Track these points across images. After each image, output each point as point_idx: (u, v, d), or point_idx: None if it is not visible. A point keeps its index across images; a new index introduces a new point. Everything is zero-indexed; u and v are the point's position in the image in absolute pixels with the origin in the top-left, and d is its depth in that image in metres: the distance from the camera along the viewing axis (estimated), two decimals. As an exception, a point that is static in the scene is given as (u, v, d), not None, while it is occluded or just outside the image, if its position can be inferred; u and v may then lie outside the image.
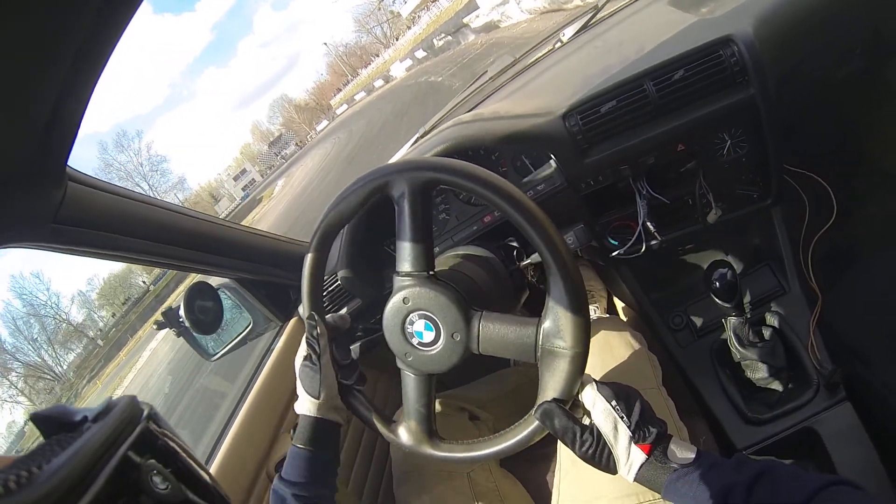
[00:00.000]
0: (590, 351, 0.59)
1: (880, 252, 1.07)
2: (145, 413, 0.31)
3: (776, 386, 0.93)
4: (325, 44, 62.30)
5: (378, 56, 46.14)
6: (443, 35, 21.33)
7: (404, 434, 0.71)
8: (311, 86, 76.12)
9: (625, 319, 1.26)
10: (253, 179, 69.49)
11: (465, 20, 17.24)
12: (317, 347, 0.71)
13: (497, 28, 14.02)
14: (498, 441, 0.65)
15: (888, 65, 1.21)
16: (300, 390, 0.73)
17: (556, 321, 0.57)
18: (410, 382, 0.68)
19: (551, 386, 0.59)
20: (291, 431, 0.78)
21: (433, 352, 0.64)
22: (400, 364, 0.68)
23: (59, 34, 0.44)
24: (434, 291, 0.62)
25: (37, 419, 0.29)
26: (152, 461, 0.30)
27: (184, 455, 0.32)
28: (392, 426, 0.72)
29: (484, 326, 0.61)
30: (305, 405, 0.72)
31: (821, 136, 1.43)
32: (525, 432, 0.62)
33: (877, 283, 0.98)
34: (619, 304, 1.33)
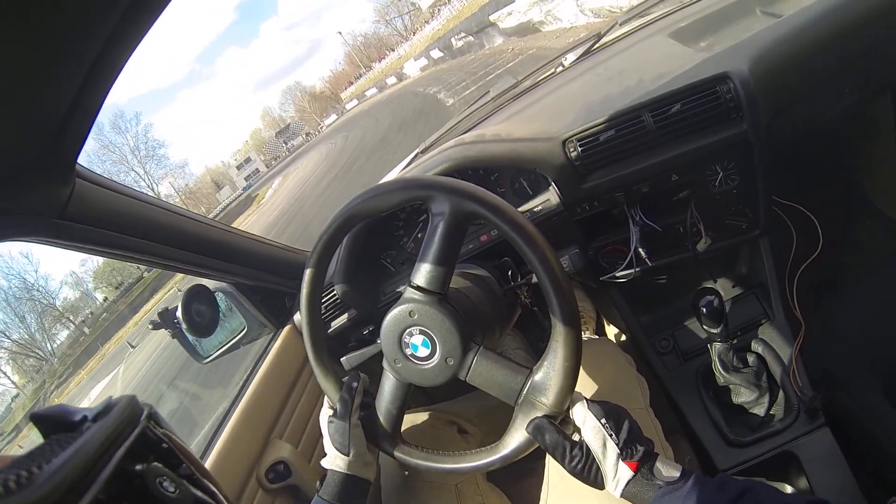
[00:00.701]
0: (582, 370, 0.62)
1: (863, 282, 1.11)
2: (145, 413, 0.31)
3: (758, 410, 0.95)
4: (340, 32, 61.39)
5: (394, 50, 44.02)
6: (463, 35, 18.41)
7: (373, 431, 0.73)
8: (327, 74, 74.61)
9: (614, 341, 1.28)
10: (257, 169, 68.66)
11: (493, 18, 13.71)
12: (350, 405, 0.71)
13: (536, 32, 10.57)
14: (483, 454, 0.67)
15: (876, 103, 1.26)
16: (328, 447, 0.73)
17: (547, 379, 0.61)
18: (389, 385, 0.71)
19: (522, 427, 0.62)
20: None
21: (423, 367, 0.66)
22: (386, 365, 0.70)
23: (83, 35, 0.45)
24: (442, 314, 0.64)
25: (37, 419, 0.29)
26: (158, 465, 0.30)
27: (184, 456, 0.33)
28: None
29: (478, 361, 0.64)
30: (335, 461, 0.72)
31: (810, 170, 1.47)
32: (513, 446, 0.64)
33: (858, 312, 1.01)
34: (609, 326, 1.35)
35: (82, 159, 0.64)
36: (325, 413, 0.75)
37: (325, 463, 0.74)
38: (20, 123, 0.50)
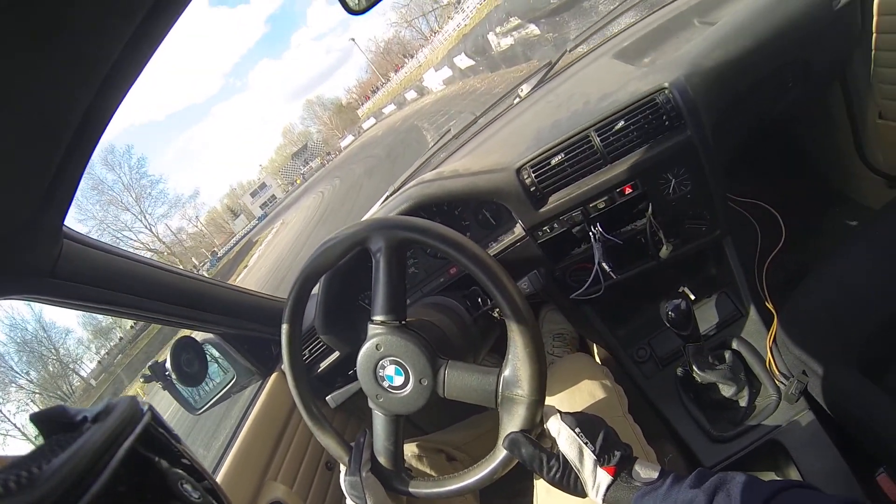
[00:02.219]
0: (559, 386, 0.64)
1: (828, 266, 1.13)
2: (145, 413, 0.32)
3: (739, 404, 0.97)
4: (353, 39, 55.45)
5: (413, 57, 36.00)
6: (509, 25, 10.63)
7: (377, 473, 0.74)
8: (353, 84, 67.64)
9: (593, 356, 1.31)
10: (273, 196, 62.69)
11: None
12: (360, 460, 0.74)
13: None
14: (464, 477, 0.69)
15: (828, 93, 1.30)
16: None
17: (515, 371, 0.63)
18: (380, 422, 0.73)
19: (513, 424, 0.64)
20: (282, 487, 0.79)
21: (402, 394, 0.69)
22: (371, 405, 0.73)
23: (66, 105, 0.49)
24: (404, 340, 0.67)
25: (37, 419, 0.29)
26: (179, 471, 0.31)
27: (188, 456, 0.34)
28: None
29: (449, 374, 0.67)
30: None
31: (768, 165, 1.52)
32: (493, 465, 0.67)
33: (826, 295, 1.03)
34: (588, 342, 1.37)
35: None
36: (343, 475, 0.77)
37: None
38: (8, 190, 0.54)
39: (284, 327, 0.76)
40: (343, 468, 0.77)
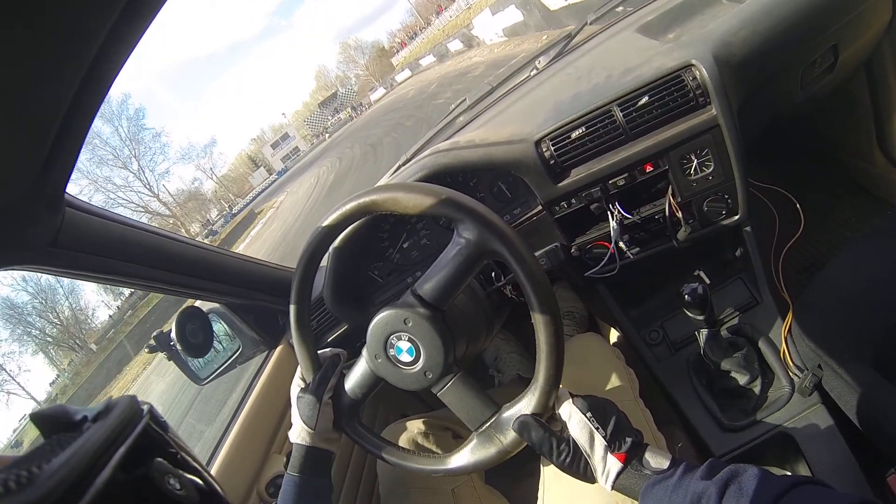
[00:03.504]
0: (569, 367, 0.63)
1: (848, 259, 1.11)
2: (145, 413, 0.32)
3: (751, 394, 0.95)
4: None
5: None
6: None
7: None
8: (397, 27, 56.37)
9: (604, 336, 1.29)
10: (297, 148, 55.07)
11: None
12: (326, 382, 0.74)
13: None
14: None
15: (852, 80, 1.27)
16: (296, 419, 0.75)
17: (508, 424, 0.64)
18: (362, 371, 0.73)
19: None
20: (285, 459, 0.79)
21: (401, 371, 0.68)
22: (365, 355, 0.72)
23: (65, 65, 0.47)
24: (435, 331, 0.65)
25: (37, 419, 0.29)
26: (164, 462, 0.30)
27: (186, 455, 0.33)
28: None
29: (455, 384, 0.67)
30: (301, 435, 0.74)
31: (788, 151, 1.49)
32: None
33: (845, 288, 1.02)
34: (600, 322, 1.35)
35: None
36: (297, 385, 0.77)
37: (290, 435, 0.76)
38: (8, 157, 0.52)
39: (293, 295, 0.75)
40: (300, 382, 0.77)
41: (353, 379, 0.74)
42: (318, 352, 0.78)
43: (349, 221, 0.68)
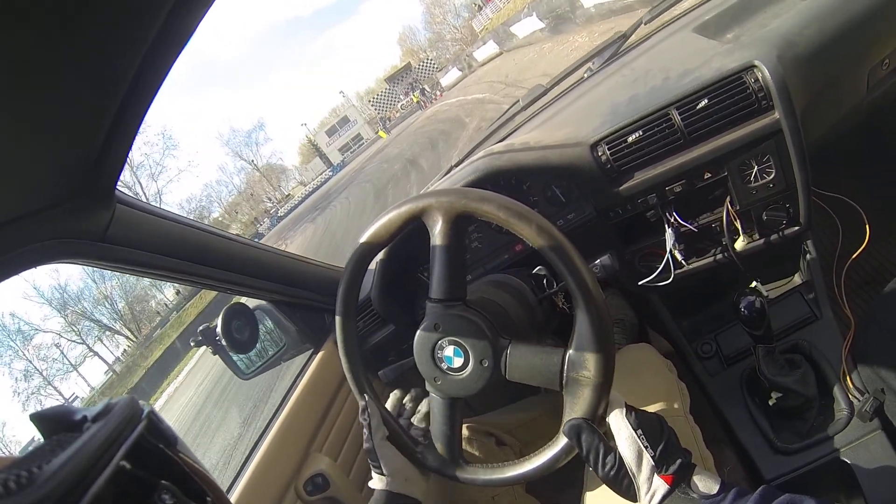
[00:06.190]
0: (619, 377, 0.60)
1: None
2: (145, 412, 0.31)
3: (807, 415, 0.91)
4: None
5: None
6: None
7: (429, 456, 0.73)
8: None
9: (655, 347, 1.27)
10: (359, 135, 43.12)
11: None
12: (369, 430, 0.73)
13: None
14: (522, 465, 0.66)
15: None
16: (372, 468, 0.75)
17: (581, 351, 0.59)
18: (438, 406, 0.70)
19: (576, 410, 0.60)
20: (326, 458, 0.79)
21: (461, 376, 0.66)
22: (429, 387, 0.70)
23: (118, 63, 0.48)
24: (465, 319, 0.64)
25: (36, 419, 0.29)
26: (165, 482, 0.30)
27: (186, 458, 0.33)
28: (418, 447, 0.74)
29: (512, 354, 0.64)
30: (375, 481, 0.74)
31: (854, 158, 1.40)
32: (550, 455, 0.64)
33: None
34: (651, 332, 1.32)
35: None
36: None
37: (370, 483, 0.75)
38: (63, 155, 0.54)
39: (340, 295, 0.75)
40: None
41: (436, 420, 0.71)
42: (380, 372, 0.78)
43: (397, 228, 0.68)
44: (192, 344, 1.12)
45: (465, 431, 0.93)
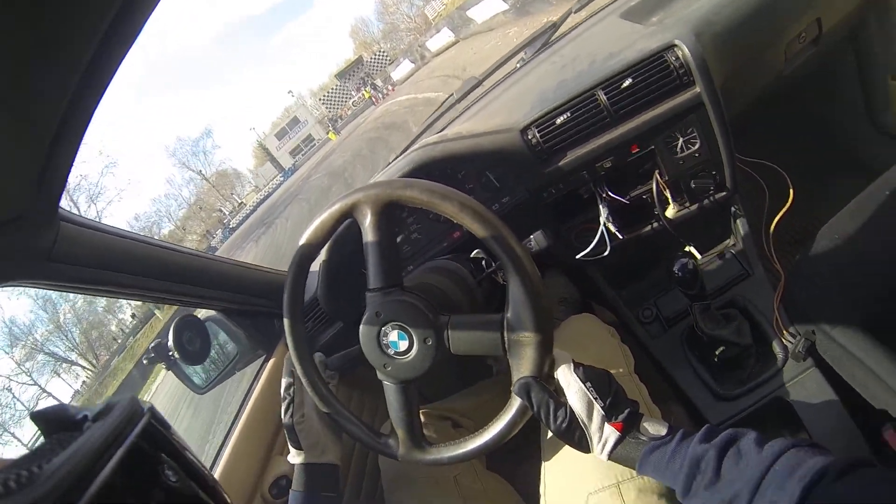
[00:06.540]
0: (563, 348, 0.62)
1: (839, 226, 1.12)
2: (146, 412, 0.32)
3: (746, 363, 0.96)
4: None
5: None
6: None
7: (393, 444, 0.74)
8: None
9: (600, 318, 1.31)
10: (310, 136, 41.55)
11: None
12: (291, 406, 0.77)
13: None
14: (482, 435, 0.68)
15: (836, 56, 1.27)
16: (288, 442, 0.77)
17: (518, 313, 0.61)
18: (392, 392, 0.71)
19: (522, 369, 0.62)
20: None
21: (409, 358, 0.67)
22: (380, 376, 0.71)
23: (54, 87, 0.47)
24: (404, 303, 0.66)
25: (37, 418, 0.29)
26: (163, 455, 0.31)
27: (187, 452, 0.34)
28: (381, 439, 0.75)
29: (453, 328, 0.65)
30: (293, 457, 0.76)
31: (777, 126, 1.49)
32: (507, 419, 0.65)
33: (836, 255, 1.02)
34: (596, 306, 1.36)
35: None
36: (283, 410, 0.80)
37: (289, 458, 0.78)
38: (5, 172, 0.52)
39: (286, 298, 0.75)
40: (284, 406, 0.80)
41: (392, 407, 0.72)
42: (327, 360, 0.80)
43: (331, 227, 0.69)
44: (144, 362, 1.09)
45: (421, 417, 0.94)
